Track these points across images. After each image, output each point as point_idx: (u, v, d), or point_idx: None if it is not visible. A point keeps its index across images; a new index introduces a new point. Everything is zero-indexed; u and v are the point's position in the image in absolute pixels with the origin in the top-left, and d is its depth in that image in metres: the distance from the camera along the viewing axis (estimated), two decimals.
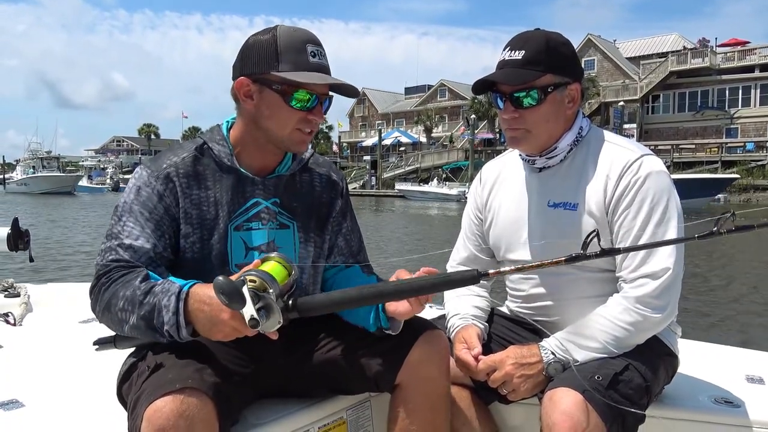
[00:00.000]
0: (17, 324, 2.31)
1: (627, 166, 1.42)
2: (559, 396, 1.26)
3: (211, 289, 1.11)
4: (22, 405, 1.46)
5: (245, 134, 1.39)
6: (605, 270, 1.47)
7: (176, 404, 1.07)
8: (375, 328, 1.35)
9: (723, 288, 8.17)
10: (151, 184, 1.33)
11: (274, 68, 1.29)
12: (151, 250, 1.29)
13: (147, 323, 1.18)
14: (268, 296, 1.10)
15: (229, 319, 1.11)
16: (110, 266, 1.26)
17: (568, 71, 1.46)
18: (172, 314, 1.15)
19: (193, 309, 1.15)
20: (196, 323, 1.16)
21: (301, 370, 1.42)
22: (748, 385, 1.65)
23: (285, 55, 1.29)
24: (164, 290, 1.18)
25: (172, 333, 1.17)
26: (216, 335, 1.15)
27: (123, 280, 1.23)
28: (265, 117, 1.33)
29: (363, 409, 1.55)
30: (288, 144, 1.37)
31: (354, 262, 1.55)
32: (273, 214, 1.41)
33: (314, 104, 1.33)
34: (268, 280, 1.12)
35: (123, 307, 1.20)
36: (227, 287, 1.07)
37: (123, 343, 1.32)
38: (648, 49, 48.15)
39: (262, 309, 1.09)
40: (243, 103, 1.35)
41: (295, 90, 1.30)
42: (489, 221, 1.65)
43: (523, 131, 1.46)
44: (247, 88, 1.33)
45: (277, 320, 1.11)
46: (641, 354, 1.39)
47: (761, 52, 38.95)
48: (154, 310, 1.17)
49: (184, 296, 1.16)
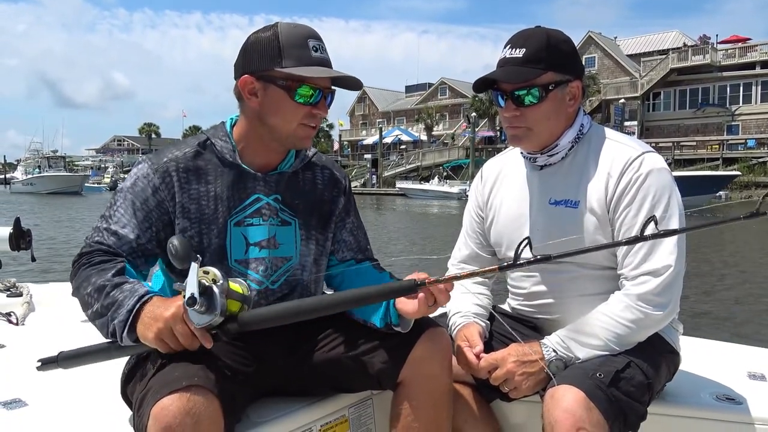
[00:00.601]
0: (19, 323, 2.32)
1: (628, 163, 1.42)
2: (560, 393, 1.26)
3: (171, 302, 1.16)
4: (24, 404, 1.47)
5: (249, 131, 1.40)
6: (607, 267, 1.47)
7: (183, 402, 1.08)
8: (383, 325, 1.35)
9: (724, 284, 8.17)
10: (149, 176, 1.35)
11: (277, 65, 1.30)
12: (134, 241, 1.33)
13: (103, 315, 1.21)
14: (214, 287, 1.12)
15: (169, 316, 1.13)
16: (93, 247, 1.32)
17: (568, 69, 1.46)
18: (126, 312, 1.18)
19: (144, 311, 1.17)
20: (140, 322, 1.17)
21: (304, 369, 1.42)
22: (749, 381, 1.65)
23: (288, 51, 1.30)
24: (131, 290, 1.21)
25: (117, 330, 1.19)
26: (150, 331, 1.15)
27: (99, 267, 1.27)
28: (271, 113, 1.34)
29: (365, 407, 1.55)
30: (293, 140, 1.38)
31: (363, 258, 1.55)
32: (274, 210, 1.41)
33: (318, 98, 1.35)
34: (221, 277, 1.13)
35: (90, 293, 1.24)
36: (180, 244, 1.11)
37: (66, 362, 1.31)
38: (649, 47, 48.08)
39: (204, 296, 1.11)
40: (247, 101, 1.35)
41: (299, 85, 1.31)
42: (490, 219, 1.65)
43: (525, 129, 1.46)
44: (251, 85, 1.33)
45: (214, 314, 1.11)
46: (643, 351, 1.39)
47: (762, 49, 38.88)
48: (114, 304, 1.20)
49: (145, 300, 1.19)
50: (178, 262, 1.12)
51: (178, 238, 1.14)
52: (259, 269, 1.39)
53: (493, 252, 1.69)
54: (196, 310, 1.11)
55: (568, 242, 1.47)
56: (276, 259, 1.41)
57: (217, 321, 1.13)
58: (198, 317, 1.12)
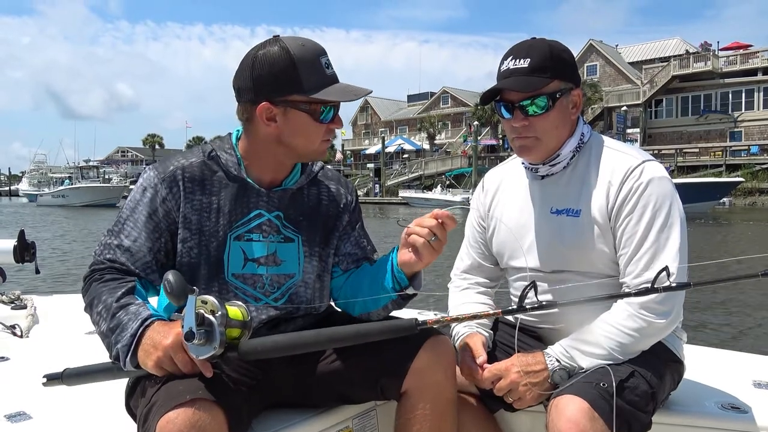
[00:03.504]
0: (24, 336, 2.33)
1: (629, 172, 1.43)
2: (564, 403, 1.26)
3: (171, 329, 1.16)
4: (29, 417, 1.47)
5: (258, 150, 1.40)
6: (609, 276, 1.47)
7: (188, 415, 1.08)
8: (396, 293, 1.36)
9: (729, 292, 8.12)
10: (156, 186, 1.36)
11: (298, 90, 1.30)
12: (147, 254, 1.33)
13: (109, 336, 1.22)
14: (212, 318, 1.11)
15: (168, 344, 1.14)
16: (105, 264, 1.32)
17: (571, 77, 1.47)
18: (129, 337, 1.19)
19: (146, 336, 1.18)
20: (141, 348, 1.18)
21: (307, 380, 1.42)
22: (755, 390, 1.64)
23: (306, 75, 1.30)
24: (136, 313, 1.22)
25: (121, 355, 1.20)
26: (150, 359, 1.16)
27: (110, 286, 1.28)
28: (293, 135, 1.35)
29: (369, 419, 1.55)
30: (314, 156, 1.41)
31: (364, 262, 1.55)
32: (275, 227, 1.41)
33: (335, 114, 1.38)
34: (219, 307, 1.12)
35: (100, 311, 1.26)
36: (176, 281, 1.09)
37: (70, 380, 1.32)
38: (650, 54, 48.16)
39: (201, 328, 1.10)
40: (264, 127, 1.35)
41: (320, 107, 1.33)
42: (492, 229, 1.66)
43: (534, 139, 1.47)
44: (269, 111, 1.33)
45: (213, 347, 1.11)
46: (647, 360, 1.38)
47: (764, 56, 38.90)
48: (118, 327, 1.21)
49: (147, 324, 1.19)
50: (174, 299, 1.10)
51: (174, 274, 1.10)
52: (257, 285, 1.39)
53: (496, 262, 1.69)
54: (195, 344, 1.11)
55: (570, 254, 1.48)
56: (278, 276, 1.41)
57: (217, 353, 1.12)
58: (197, 350, 1.12)
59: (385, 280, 1.37)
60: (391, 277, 1.36)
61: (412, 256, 1.31)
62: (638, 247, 1.39)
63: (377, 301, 1.40)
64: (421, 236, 1.28)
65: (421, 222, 1.29)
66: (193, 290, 1.11)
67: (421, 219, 1.30)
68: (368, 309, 1.43)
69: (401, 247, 1.34)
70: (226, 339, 1.13)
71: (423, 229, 1.28)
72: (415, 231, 1.29)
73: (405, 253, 1.32)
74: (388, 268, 1.37)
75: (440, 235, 1.27)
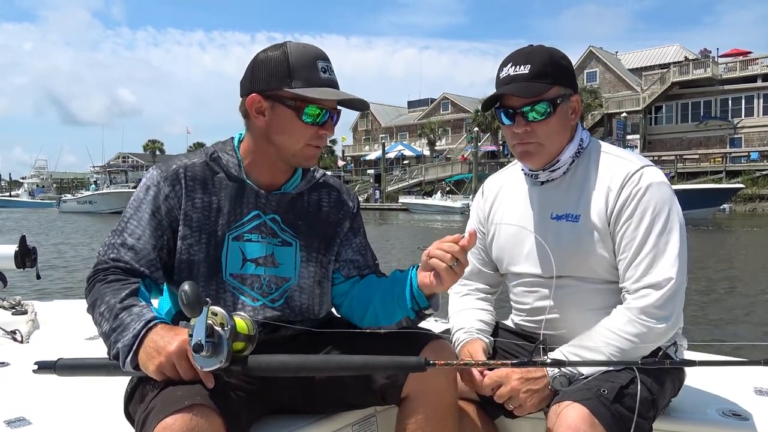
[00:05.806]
0: (24, 341, 2.32)
1: (628, 178, 1.43)
2: (564, 410, 1.26)
3: (175, 334, 1.15)
4: (29, 423, 1.47)
5: (255, 149, 1.41)
6: (609, 281, 1.47)
7: (185, 421, 1.08)
8: (414, 314, 1.36)
9: (730, 297, 8.12)
10: (159, 184, 1.37)
11: (286, 84, 1.32)
12: (151, 252, 1.34)
13: (111, 336, 1.22)
14: (221, 332, 1.11)
15: (173, 351, 1.14)
16: (109, 264, 1.32)
17: (569, 83, 1.48)
18: (131, 337, 1.19)
19: (148, 338, 1.18)
20: (142, 350, 1.17)
21: (307, 386, 1.41)
22: (756, 397, 1.64)
23: (297, 72, 1.32)
24: (139, 314, 1.22)
25: (121, 355, 1.19)
26: (152, 363, 1.16)
27: (114, 287, 1.28)
28: (278, 132, 1.36)
29: (369, 424, 1.55)
30: (299, 159, 1.40)
31: (369, 273, 1.54)
32: (271, 230, 1.42)
33: (325, 119, 1.36)
34: (228, 320, 1.12)
35: (103, 312, 1.25)
36: (192, 292, 1.07)
37: (63, 370, 1.29)
38: (650, 60, 48.28)
39: (210, 340, 1.10)
40: (255, 120, 1.37)
41: (306, 106, 1.33)
42: (492, 234, 1.66)
43: (536, 145, 1.47)
44: (259, 104, 1.35)
45: (219, 360, 1.11)
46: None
47: (763, 62, 39.02)
48: (121, 326, 1.21)
49: (151, 326, 1.19)
50: (189, 310, 1.09)
51: (190, 285, 1.09)
52: (255, 285, 1.39)
53: (496, 268, 1.69)
54: (203, 355, 1.10)
55: (570, 258, 1.48)
56: (275, 278, 1.42)
57: (223, 366, 1.12)
58: (203, 361, 1.12)
59: (402, 298, 1.36)
60: (410, 296, 1.35)
61: (433, 280, 1.29)
62: (637, 251, 1.40)
63: (391, 317, 1.40)
64: (444, 261, 1.26)
65: (442, 246, 1.27)
66: (207, 302, 1.11)
67: (441, 243, 1.28)
68: (379, 323, 1.43)
69: (421, 268, 1.32)
70: (232, 352, 1.13)
71: (446, 254, 1.26)
72: (437, 255, 1.27)
73: (426, 276, 1.30)
74: (407, 287, 1.36)
75: (462, 260, 1.26)
